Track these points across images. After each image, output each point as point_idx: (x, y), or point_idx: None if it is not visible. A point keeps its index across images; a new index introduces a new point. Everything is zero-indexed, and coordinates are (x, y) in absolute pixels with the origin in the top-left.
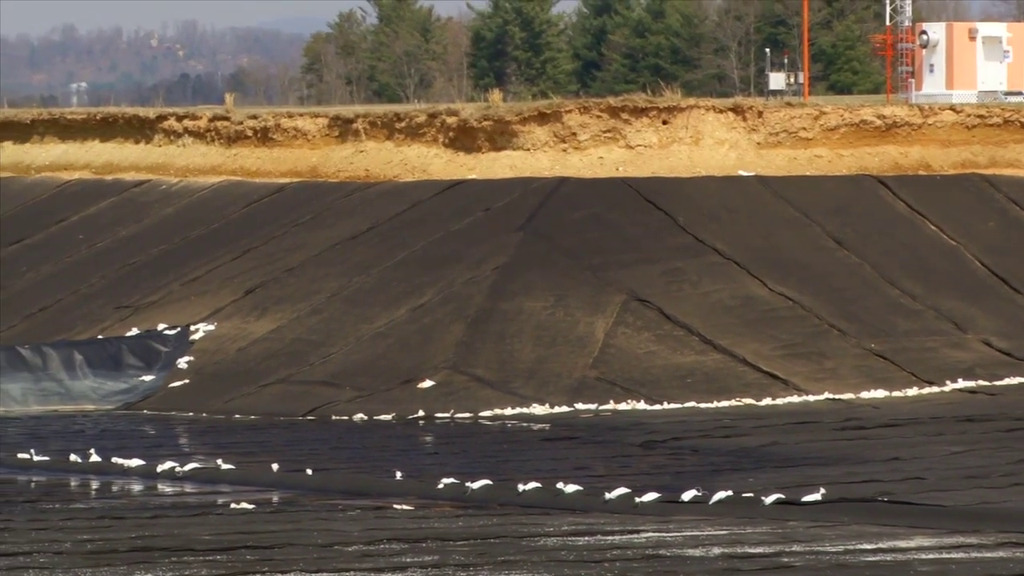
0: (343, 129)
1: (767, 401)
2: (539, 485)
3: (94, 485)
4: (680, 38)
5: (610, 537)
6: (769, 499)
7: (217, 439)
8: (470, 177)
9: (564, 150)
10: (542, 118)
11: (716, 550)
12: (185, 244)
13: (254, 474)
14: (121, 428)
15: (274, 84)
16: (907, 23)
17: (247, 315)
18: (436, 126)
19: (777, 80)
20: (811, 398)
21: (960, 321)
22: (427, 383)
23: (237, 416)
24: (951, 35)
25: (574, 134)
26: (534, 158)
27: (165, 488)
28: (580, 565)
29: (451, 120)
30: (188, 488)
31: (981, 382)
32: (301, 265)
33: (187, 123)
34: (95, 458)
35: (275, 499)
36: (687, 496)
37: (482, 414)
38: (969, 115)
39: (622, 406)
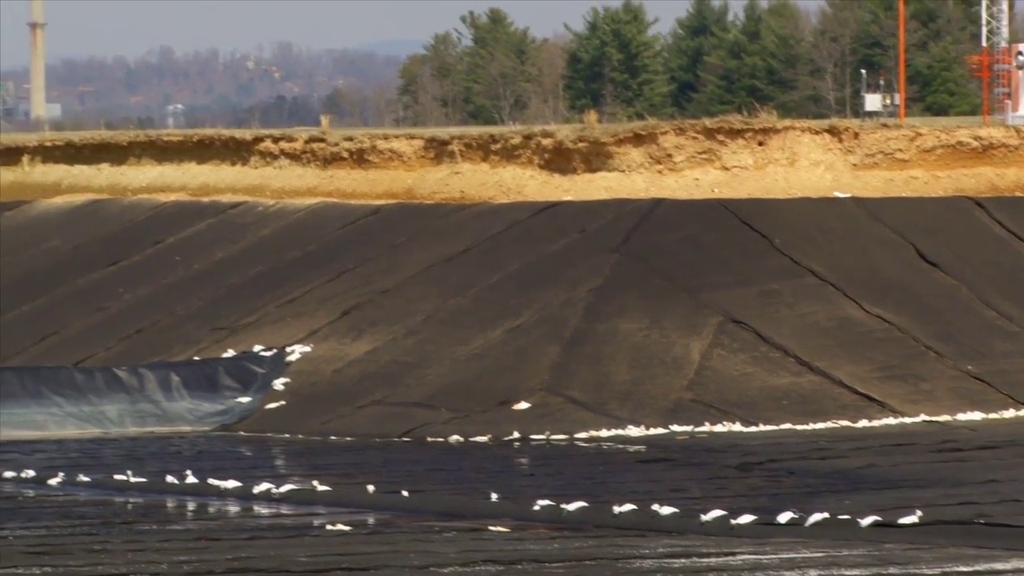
0: (439, 151)
1: (863, 423)
2: (635, 507)
3: (190, 506)
4: (776, 59)
5: (706, 559)
6: (866, 521)
7: (313, 460)
8: (565, 199)
9: (659, 172)
10: (638, 140)
11: (812, 572)
12: (281, 266)
13: (350, 496)
14: (217, 449)
15: (370, 106)
16: (1003, 44)
17: (343, 337)
18: (531, 148)
19: (873, 101)
20: (907, 420)
21: None
22: (523, 405)
23: (333, 437)
24: None
25: (670, 156)
26: (629, 180)
27: (261, 510)
28: None
29: (546, 142)
30: (284, 510)
31: None
32: (397, 287)
33: (283, 145)
34: (191, 479)
35: (371, 521)
36: (783, 518)
37: (577, 436)
38: None
39: (718, 428)
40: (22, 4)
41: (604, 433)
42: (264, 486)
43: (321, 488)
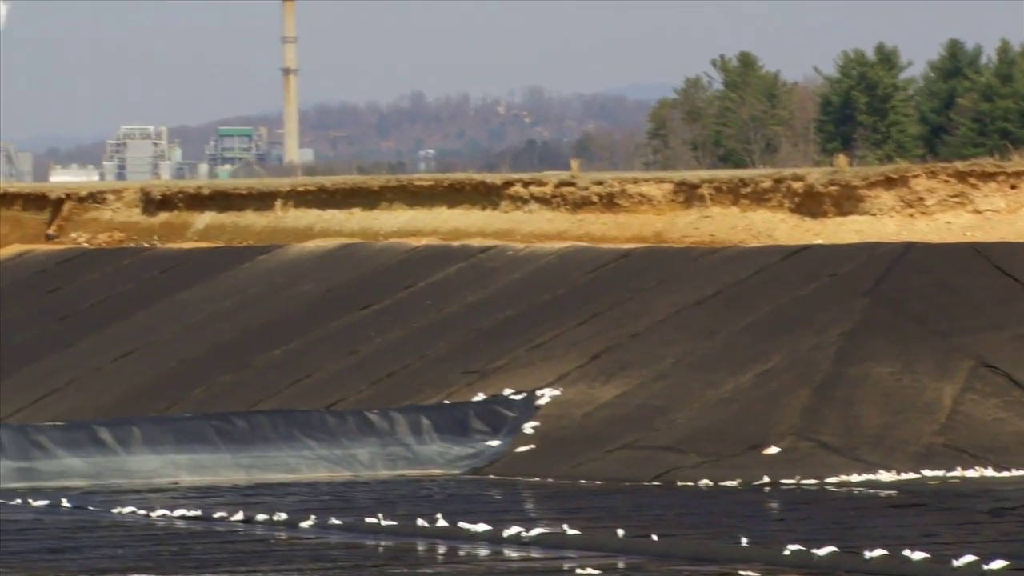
0: (688, 194)
1: None
2: (885, 552)
3: (441, 549)
4: None
5: None
6: None
7: (562, 504)
8: (816, 242)
9: (910, 215)
10: (888, 183)
11: None
12: (531, 310)
13: (600, 540)
14: (467, 493)
15: (619, 150)
16: None
17: (592, 380)
18: (782, 191)
19: None
20: None
21: None
22: (773, 449)
23: (582, 481)
24: None
25: (921, 199)
26: (880, 223)
27: (511, 553)
28: None
29: (796, 185)
30: (534, 553)
31: None
32: (646, 330)
33: (533, 189)
34: (442, 523)
35: (621, 565)
36: None
37: (828, 480)
38: None
39: (969, 473)
40: (276, 50)
41: (855, 478)
42: (514, 529)
43: (571, 532)
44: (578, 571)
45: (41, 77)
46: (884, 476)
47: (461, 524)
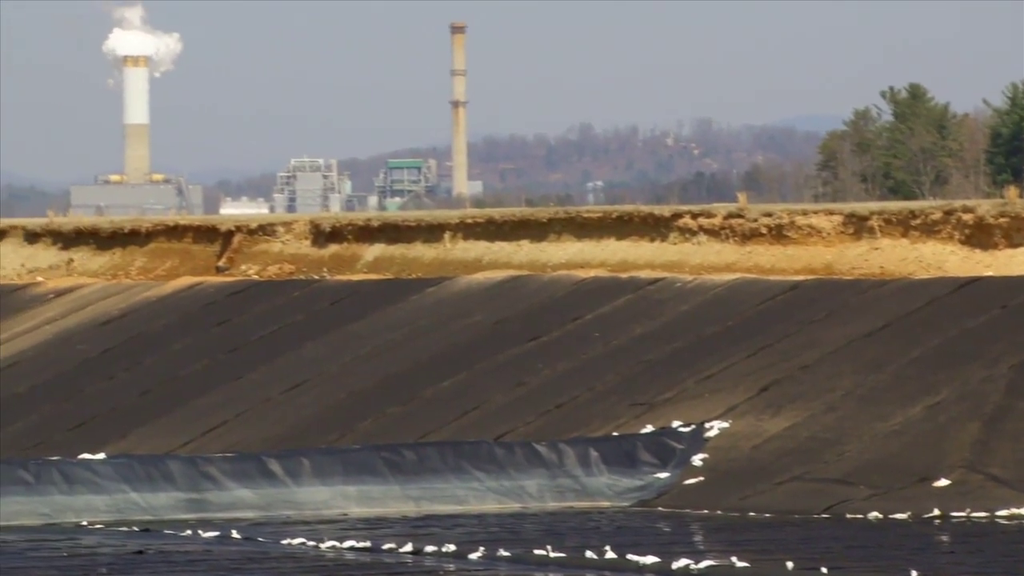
0: (858, 226)
1: None
2: None
3: None
4: None
5: None
6: None
7: (731, 536)
8: (986, 274)
9: None
10: None
11: None
12: (699, 341)
13: (769, 572)
14: (636, 525)
15: (788, 181)
16: None
17: (761, 412)
18: (952, 223)
19: None
20: None
21: None
22: (942, 481)
23: (751, 513)
24: None
25: None
26: None
27: None
28: None
29: (967, 217)
30: None
31: None
32: (816, 362)
33: (702, 221)
34: (610, 555)
35: None
36: None
37: (998, 513)
38: None
39: None
40: (445, 83)
41: None
42: (683, 562)
43: (740, 564)
44: None
45: (212, 110)
46: None
47: (630, 556)
